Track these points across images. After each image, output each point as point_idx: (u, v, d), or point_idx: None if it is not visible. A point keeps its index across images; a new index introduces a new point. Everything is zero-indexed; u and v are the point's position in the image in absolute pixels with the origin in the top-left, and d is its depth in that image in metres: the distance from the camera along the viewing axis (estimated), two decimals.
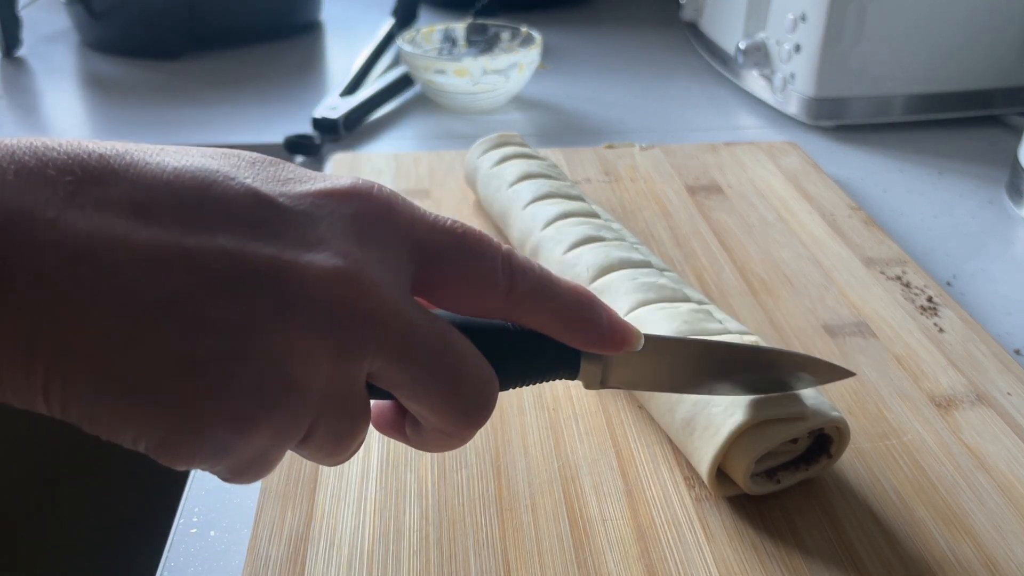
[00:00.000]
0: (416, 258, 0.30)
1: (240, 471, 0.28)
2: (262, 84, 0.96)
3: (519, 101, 0.92)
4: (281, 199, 0.28)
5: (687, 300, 0.48)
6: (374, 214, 0.29)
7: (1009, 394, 0.48)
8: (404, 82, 0.91)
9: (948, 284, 0.62)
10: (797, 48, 0.83)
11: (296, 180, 0.29)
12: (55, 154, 0.24)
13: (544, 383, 0.35)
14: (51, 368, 0.24)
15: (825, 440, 0.41)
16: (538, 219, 0.56)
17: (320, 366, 0.27)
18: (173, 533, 0.41)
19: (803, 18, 0.82)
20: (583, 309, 0.32)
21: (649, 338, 0.35)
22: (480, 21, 0.95)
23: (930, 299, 0.57)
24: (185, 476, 0.45)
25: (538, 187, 0.59)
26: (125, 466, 0.88)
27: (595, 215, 0.57)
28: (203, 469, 0.27)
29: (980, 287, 0.62)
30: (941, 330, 0.54)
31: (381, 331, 0.28)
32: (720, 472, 0.41)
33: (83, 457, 0.91)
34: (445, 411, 0.30)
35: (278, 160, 0.30)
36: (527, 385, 0.34)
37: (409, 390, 0.29)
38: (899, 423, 0.46)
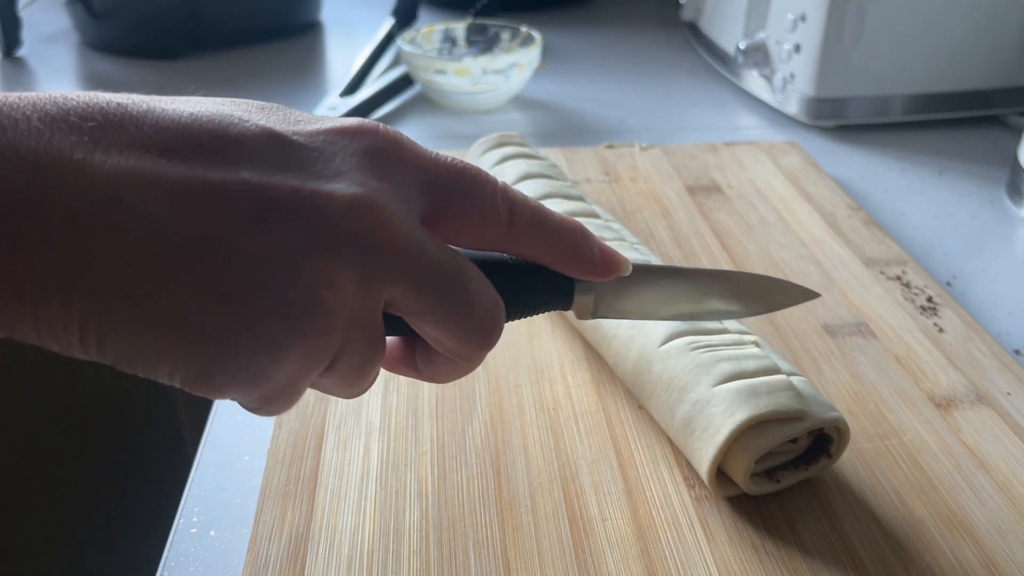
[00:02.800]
0: (423, 192, 0.31)
1: (270, 400, 0.29)
2: (262, 84, 0.96)
3: (519, 101, 0.92)
4: (295, 136, 0.29)
5: None
6: (384, 149, 0.30)
7: (1009, 394, 0.48)
8: (404, 82, 0.91)
9: (948, 284, 0.62)
10: (797, 48, 0.83)
11: (305, 120, 0.30)
12: (75, 103, 0.25)
13: (538, 315, 0.36)
14: (88, 307, 0.24)
15: (825, 440, 0.41)
16: None
17: (346, 291, 0.28)
18: (173, 533, 0.42)
19: (803, 18, 0.82)
20: (577, 237, 0.34)
21: (636, 266, 0.37)
22: (480, 21, 0.95)
23: (930, 299, 0.57)
24: (186, 476, 0.45)
25: (538, 187, 0.59)
26: (125, 466, 0.88)
27: (595, 215, 0.57)
28: (235, 398, 0.28)
29: (980, 287, 0.62)
30: (941, 330, 0.54)
31: (401, 258, 0.29)
32: (720, 472, 0.41)
33: (83, 457, 0.91)
34: (459, 333, 0.31)
35: (284, 106, 0.31)
36: (524, 316, 0.35)
37: (426, 315, 0.30)
38: (899, 423, 0.46)
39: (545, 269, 0.34)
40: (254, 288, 0.26)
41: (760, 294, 0.40)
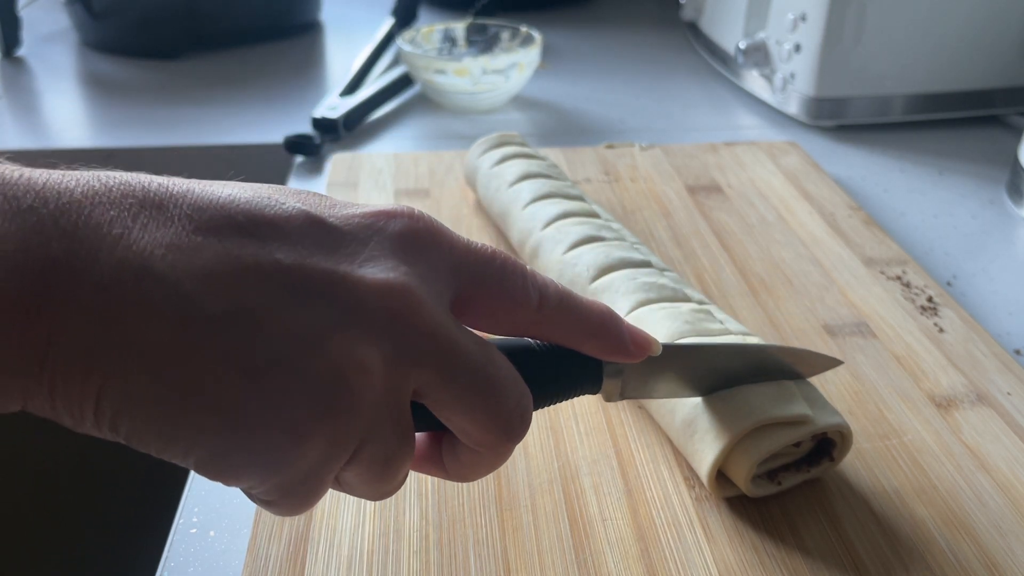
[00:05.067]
0: (454, 278, 0.31)
1: (288, 490, 0.28)
2: (262, 84, 0.96)
3: (519, 101, 0.92)
4: (331, 219, 0.29)
5: (688, 300, 0.48)
6: (418, 234, 0.30)
7: (1009, 394, 0.48)
8: (404, 82, 0.91)
9: (948, 284, 0.62)
10: (797, 48, 0.83)
11: (341, 205, 0.30)
12: (118, 181, 0.26)
13: (569, 400, 0.36)
14: (108, 377, 0.24)
15: (827, 443, 0.41)
16: (538, 219, 0.56)
17: (373, 375, 0.27)
18: (173, 533, 0.41)
19: (803, 18, 0.82)
20: (605, 318, 0.34)
21: (665, 346, 0.37)
22: (480, 21, 0.95)
23: (930, 299, 0.57)
24: (185, 476, 0.45)
25: (538, 187, 0.59)
26: (125, 466, 0.88)
27: (595, 215, 0.57)
28: (251, 487, 0.28)
29: (980, 287, 0.62)
30: (941, 330, 0.54)
31: (430, 343, 0.28)
32: (719, 473, 0.41)
33: (83, 457, 0.91)
34: (487, 423, 0.30)
35: (320, 192, 0.31)
36: (553, 402, 0.35)
37: (453, 404, 0.30)
38: (899, 423, 0.46)
39: (573, 354, 0.34)
40: (279, 365, 0.26)
41: (785, 366, 0.41)
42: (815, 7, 0.80)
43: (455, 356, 0.29)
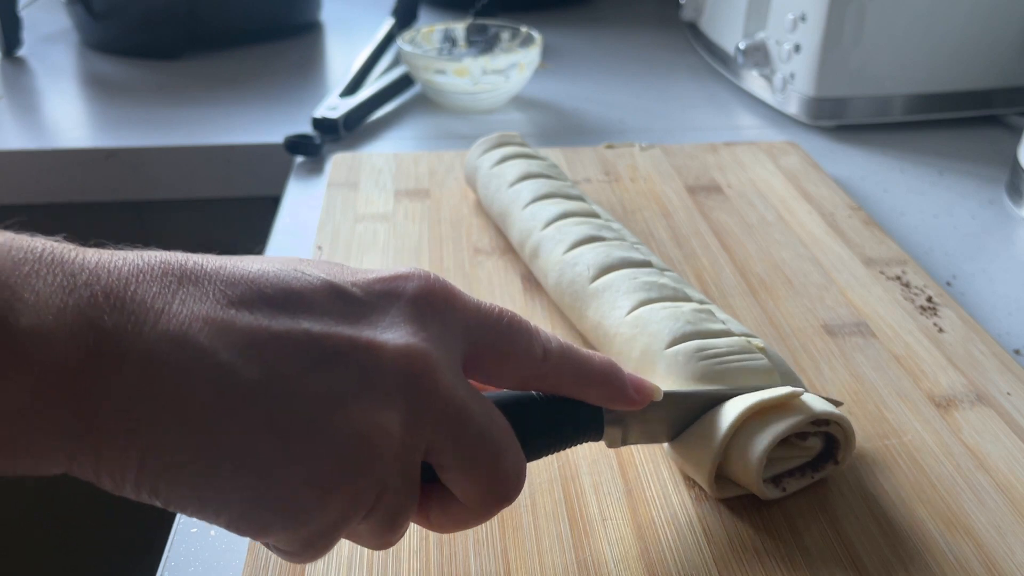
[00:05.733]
0: (465, 339, 0.33)
1: (310, 543, 0.29)
2: (262, 84, 0.96)
3: (519, 101, 0.92)
4: (353, 288, 0.31)
5: (688, 300, 0.48)
6: (433, 297, 0.32)
7: (1009, 394, 0.48)
8: (404, 82, 0.91)
9: (948, 284, 0.62)
10: (797, 48, 0.83)
11: (361, 272, 0.33)
12: (159, 259, 0.28)
13: (570, 448, 0.38)
14: (151, 440, 0.26)
15: (832, 445, 0.41)
16: (538, 219, 0.56)
17: (393, 433, 0.30)
18: (173, 533, 0.42)
19: (803, 18, 0.82)
20: (607, 368, 0.36)
21: (666, 393, 0.38)
22: (480, 21, 0.95)
23: (930, 299, 0.57)
24: None
25: (538, 187, 0.59)
26: None
27: (595, 215, 0.57)
28: (277, 541, 0.29)
29: (980, 287, 0.62)
30: (941, 330, 0.54)
31: (444, 406, 0.31)
32: (719, 475, 0.41)
33: None
34: (485, 485, 0.33)
35: (341, 263, 0.34)
36: (556, 450, 0.37)
37: (458, 465, 0.32)
38: (899, 423, 0.46)
39: (574, 403, 0.36)
40: (309, 426, 0.28)
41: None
42: (815, 7, 0.80)
43: (465, 419, 0.31)
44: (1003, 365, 0.51)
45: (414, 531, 0.40)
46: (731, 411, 0.40)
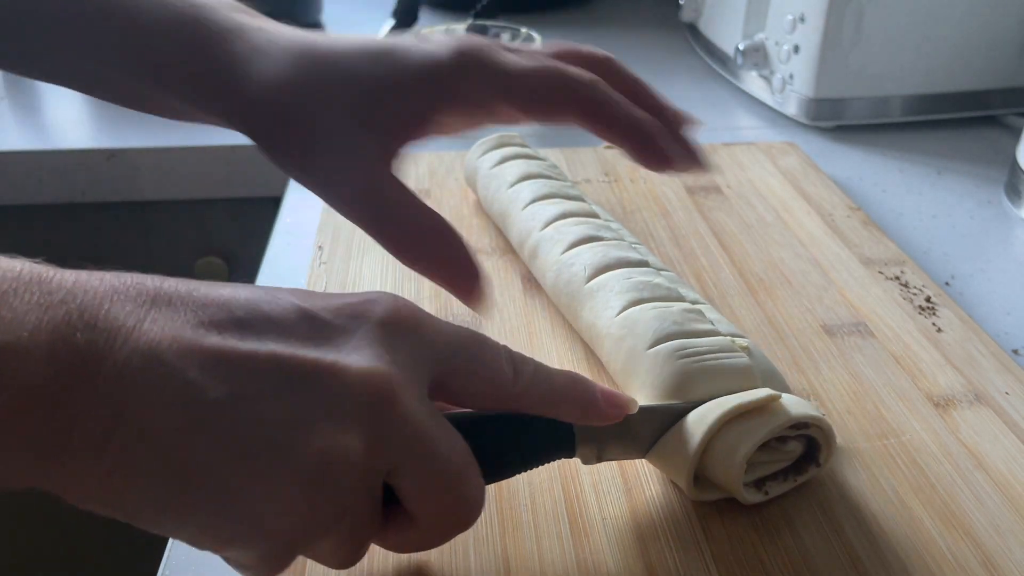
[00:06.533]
0: (433, 362, 0.33)
1: (266, 559, 0.30)
2: None
3: None
4: (322, 312, 0.32)
5: (681, 300, 0.47)
6: (400, 321, 0.33)
7: (1007, 393, 0.49)
8: None
9: (946, 284, 0.62)
10: (796, 49, 0.83)
11: (332, 297, 0.33)
12: (134, 281, 0.29)
13: (544, 465, 0.38)
14: (121, 454, 0.27)
15: (814, 447, 0.41)
16: (537, 219, 0.57)
17: (355, 458, 0.30)
18: None
19: (802, 19, 0.82)
20: (578, 385, 0.36)
21: (642, 408, 0.38)
22: (480, 22, 0.96)
23: (928, 299, 0.57)
24: None
25: (538, 187, 0.60)
26: None
27: (594, 215, 0.57)
28: (234, 556, 0.30)
29: (978, 287, 0.62)
30: (939, 330, 0.54)
31: (405, 429, 0.31)
32: (698, 477, 0.40)
33: None
34: (443, 510, 0.33)
35: (311, 289, 0.34)
36: (529, 468, 0.37)
37: (419, 489, 0.32)
38: (897, 423, 0.46)
39: (545, 420, 0.36)
40: (272, 447, 0.28)
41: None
42: (814, 8, 0.80)
43: (426, 445, 0.31)
44: (1001, 365, 0.51)
45: None
46: (708, 416, 0.39)
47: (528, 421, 0.36)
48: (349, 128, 0.39)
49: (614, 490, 0.42)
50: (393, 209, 0.39)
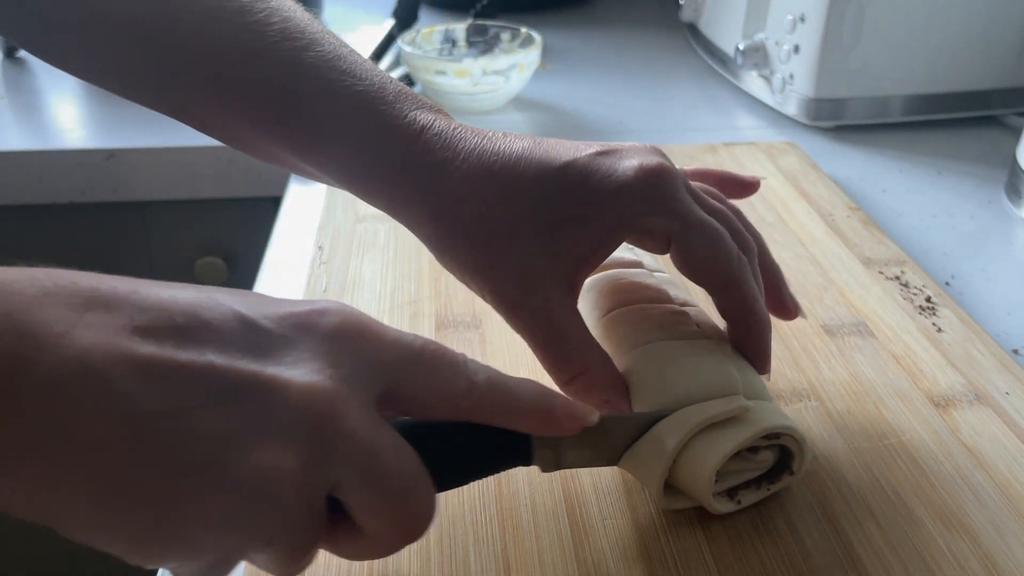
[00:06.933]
0: (381, 374, 0.32)
1: (202, 572, 0.29)
2: None
3: (519, 101, 0.92)
4: (264, 321, 0.30)
5: (670, 302, 0.47)
6: (346, 332, 0.32)
7: (1007, 394, 0.49)
8: (404, 83, 0.91)
9: (947, 284, 0.62)
10: (796, 49, 0.83)
11: (275, 303, 0.32)
12: (68, 280, 0.27)
13: (500, 472, 0.37)
14: (50, 467, 0.26)
15: (787, 456, 0.40)
16: None
17: (293, 474, 0.29)
18: None
19: (802, 19, 0.82)
20: (536, 397, 0.35)
21: (604, 417, 0.37)
22: (480, 22, 0.96)
23: (929, 299, 0.57)
24: None
25: None
26: None
27: None
28: (168, 568, 0.29)
29: (979, 287, 0.62)
30: (940, 330, 0.54)
31: (349, 445, 0.30)
32: (668, 486, 0.39)
33: None
34: (391, 524, 0.32)
35: (259, 293, 0.33)
36: (483, 475, 0.37)
37: (364, 504, 0.31)
38: (897, 423, 0.46)
39: (499, 428, 0.35)
40: (206, 463, 0.27)
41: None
42: (814, 8, 0.80)
43: (372, 460, 0.30)
44: (1001, 365, 0.51)
45: None
46: (678, 428, 0.38)
47: (483, 428, 0.35)
48: (534, 257, 0.40)
49: (614, 490, 0.42)
50: (563, 336, 0.40)
